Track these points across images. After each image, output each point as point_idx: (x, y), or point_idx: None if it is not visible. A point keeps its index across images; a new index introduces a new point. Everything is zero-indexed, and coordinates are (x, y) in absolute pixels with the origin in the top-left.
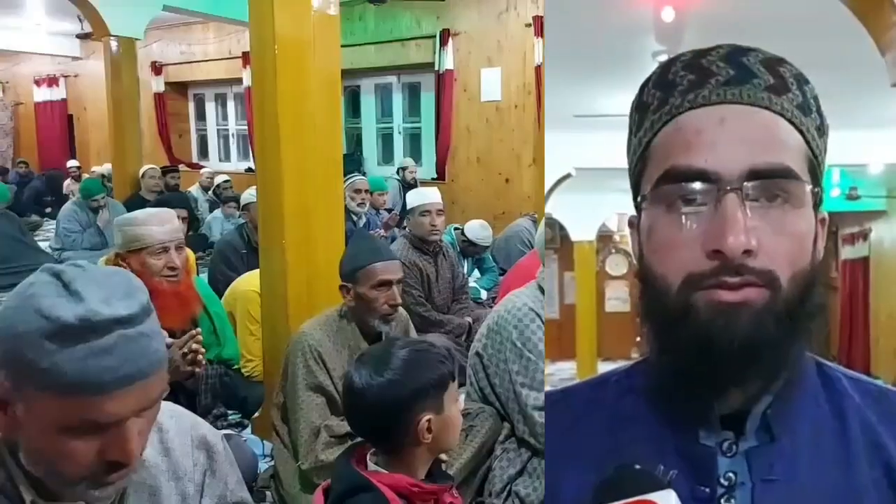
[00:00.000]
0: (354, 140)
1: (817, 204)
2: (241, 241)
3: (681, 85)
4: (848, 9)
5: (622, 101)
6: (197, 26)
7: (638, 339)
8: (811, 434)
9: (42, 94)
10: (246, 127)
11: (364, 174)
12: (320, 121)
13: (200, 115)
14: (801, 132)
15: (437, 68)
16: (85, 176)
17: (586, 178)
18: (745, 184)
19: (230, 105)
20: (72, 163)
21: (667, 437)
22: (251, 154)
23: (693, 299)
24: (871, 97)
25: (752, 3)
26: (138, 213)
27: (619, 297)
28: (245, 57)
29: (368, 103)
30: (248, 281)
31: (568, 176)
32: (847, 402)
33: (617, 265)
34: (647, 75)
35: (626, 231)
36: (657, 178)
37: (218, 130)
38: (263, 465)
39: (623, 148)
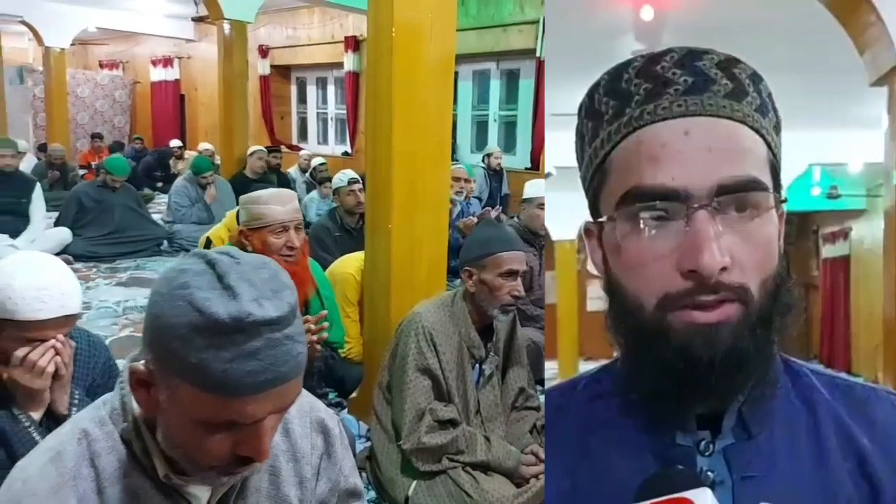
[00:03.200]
0: None
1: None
2: (334, 223)
3: (637, 94)
4: (826, 9)
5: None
6: (303, 11)
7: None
8: (786, 429)
9: (157, 73)
10: (345, 111)
11: (455, 160)
12: (432, 106)
13: (302, 98)
14: (761, 136)
15: (538, 55)
16: (188, 154)
17: (566, 177)
18: (715, 199)
19: (330, 89)
20: (175, 142)
21: (642, 439)
22: (348, 138)
23: (669, 320)
24: (850, 97)
25: (731, 4)
26: (262, 193)
27: (600, 297)
28: (347, 41)
29: (465, 89)
30: (346, 264)
31: (548, 175)
32: (816, 396)
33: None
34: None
35: None
36: (621, 196)
37: (318, 114)
38: (360, 446)
39: None
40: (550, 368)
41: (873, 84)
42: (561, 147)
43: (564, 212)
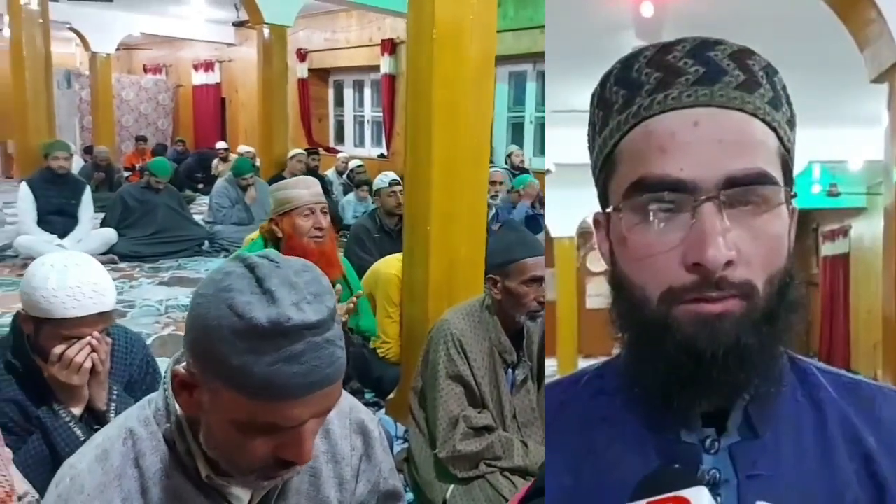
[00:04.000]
0: None
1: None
2: (374, 224)
3: (647, 84)
4: (827, 5)
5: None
6: (341, 14)
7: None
8: (792, 428)
9: (199, 77)
10: (381, 113)
11: (491, 163)
12: (472, 107)
13: (339, 101)
14: (773, 129)
15: None
16: (232, 156)
17: (566, 173)
18: (723, 192)
19: (367, 92)
20: (220, 144)
21: (646, 436)
22: (384, 140)
23: (674, 313)
24: (850, 94)
25: (731, 0)
26: (288, 180)
27: (600, 294)
28: (384, 44)
29: (501, 91)
30: (390, 264)
31: (547, 172)
32: (823, 394)
33: (598, 261)
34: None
35: None
36: (628, 187)
37: (354, 116)
38: (397, 447)
39: None
40: (549, 366)
41: (874, 81)
42: (560, 144)
43: (563, 209)
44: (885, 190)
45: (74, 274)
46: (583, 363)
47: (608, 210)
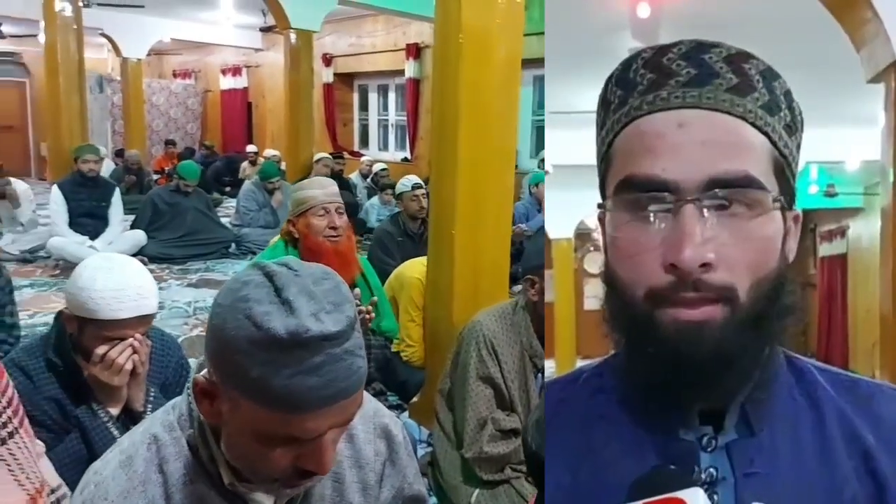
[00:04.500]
0: None
1: (790, 203)
2: (397, 228)
3: (641, 84)
4: (823, 6)
5: (598, 97)
6: (367, 19)
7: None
8: (789, 426)
9: (227, 82)
10: (405, 117)
11: (515, 166)
12: (498, 111)
13: (363, 106)
14: (765, 133)
15: None
16: (260, 160)
17: (563, 175)
18: (705, 193)
19: (391, 96)
20: (250, 147)
21: (643, 434)
22: (408, 144)
23: (656, 315)
24: (847, 94)
25: (727, 1)
26: (303, 181)
27: (597, 296)
28: (409, 49)
29: (525, 94)
30: (414, 267)
31: (546, 173)
32: (821, 393)
33: (595, 263)
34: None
35: None
36: (616, 185)
37: (379, 120)
38: (421, 451)
39: None
40: (548, 367)
41: (870, 81)
42: (558, 145)
43: (561, 210)
44: (882, 190)
45: (120, 276)
46: (581, 364)
47: (600, 207)
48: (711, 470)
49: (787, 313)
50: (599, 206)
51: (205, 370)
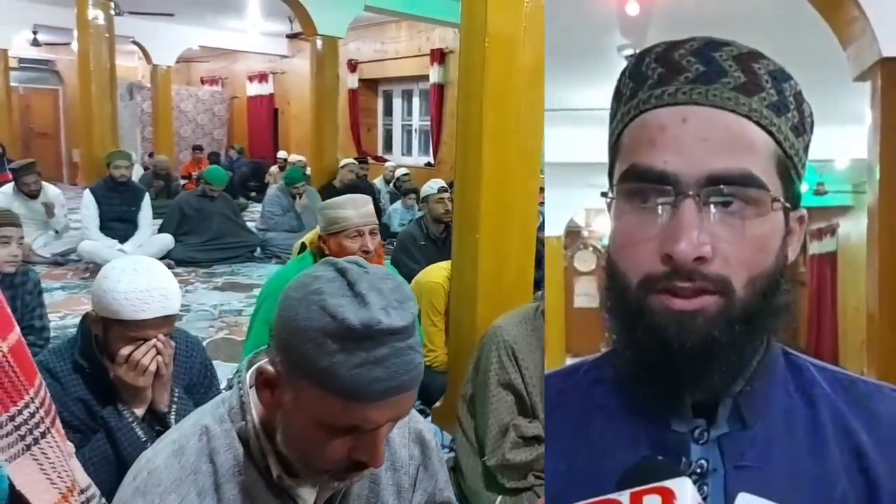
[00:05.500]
0: None
1: (794, 203)
2: (421, 232)
3: (651, 78)
4: (810, 4)
5: (588, 95)
6: (391, 25)
7: (606, 334)
8: (782, 421)
9: (253, 88)
10: (429, 122)
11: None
12: (524, 116)
13: (387, 111)
14: (770, 133)
15: None
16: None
17: (554, 173)
18: (705, 189)
19: (415, 101)
20: (280, 154)
21: (638, 425)
22: (431, 149)
23: (648, 301)
24: (834, 92)
25: None
26: (338, 199)
27: (587, 293)
28: (433, 54)
29: None
30: (433, 273)
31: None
32: (817, 390)
33: (585, 261)
34: (614, 68)
35: (595, 226)
36: (620, 175)
37: (402, 125)
38: (444, 456)
39: (590, 143)
40: None
41: (856, 79)
42: (552, 143)
43: (552, 208)
44: (868, 188)
45: (144, 278)
46: (570, 362)
47: (604, 196)
48: (702, 461)
49: (781, 312)
50: (603, 194)
51: (263, 361)
